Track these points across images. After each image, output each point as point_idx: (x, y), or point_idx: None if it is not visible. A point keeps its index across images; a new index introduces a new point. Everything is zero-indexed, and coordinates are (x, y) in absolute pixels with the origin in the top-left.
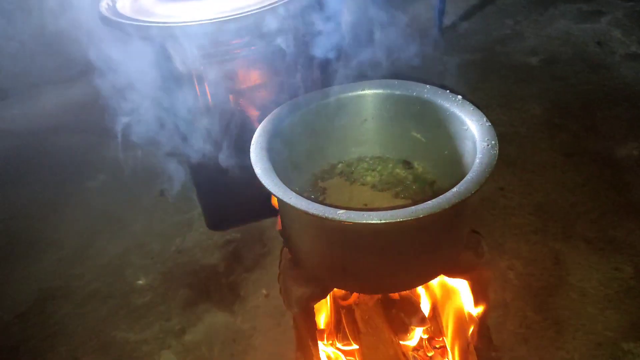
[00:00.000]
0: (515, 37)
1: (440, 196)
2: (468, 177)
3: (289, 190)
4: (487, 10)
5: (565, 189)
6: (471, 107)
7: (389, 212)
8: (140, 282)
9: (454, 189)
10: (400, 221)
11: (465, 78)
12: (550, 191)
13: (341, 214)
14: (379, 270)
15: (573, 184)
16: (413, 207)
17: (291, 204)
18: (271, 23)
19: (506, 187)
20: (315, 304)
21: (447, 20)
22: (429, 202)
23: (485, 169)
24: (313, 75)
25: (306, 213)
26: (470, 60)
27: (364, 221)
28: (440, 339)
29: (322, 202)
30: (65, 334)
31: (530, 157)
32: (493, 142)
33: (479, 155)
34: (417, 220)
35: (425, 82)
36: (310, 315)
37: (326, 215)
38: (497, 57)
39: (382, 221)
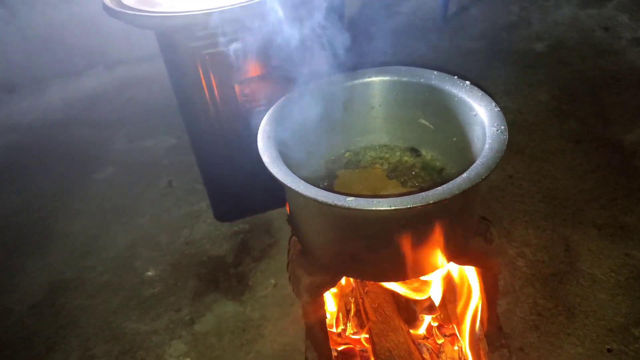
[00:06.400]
0: (521, 24)
1: (450, 182)
2: (478, 162)
3: (297, 178)
4: None
5: (575, 175)
6: (479, 93)
7: (399, 199)
8: (149, 273)
9: (464, 175)
10: (409, 207)
11: (471, 66)
12: (559, 178)
13: (350, 201)
14: (388, 258)
15: (582, 171)
16: (423, 193)
17: (300, 191)
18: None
19: (515, 174)
20: (324, 292)
21: (452, 8)
22: (438, 188)
23: (495, 154)
24: (319, 62)
25: (315, 200)
26: (475, 48)
27: (373, 208)
28: (450, 327)
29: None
30: (77, 325)
31: (538, 145)
32: (502, 127)
33: (488, 141)
34: (427, 207)
35: (432, 69)
36: (319, 304)
37: (335, 202)
38: (503, 44)
39: (391, 207)
